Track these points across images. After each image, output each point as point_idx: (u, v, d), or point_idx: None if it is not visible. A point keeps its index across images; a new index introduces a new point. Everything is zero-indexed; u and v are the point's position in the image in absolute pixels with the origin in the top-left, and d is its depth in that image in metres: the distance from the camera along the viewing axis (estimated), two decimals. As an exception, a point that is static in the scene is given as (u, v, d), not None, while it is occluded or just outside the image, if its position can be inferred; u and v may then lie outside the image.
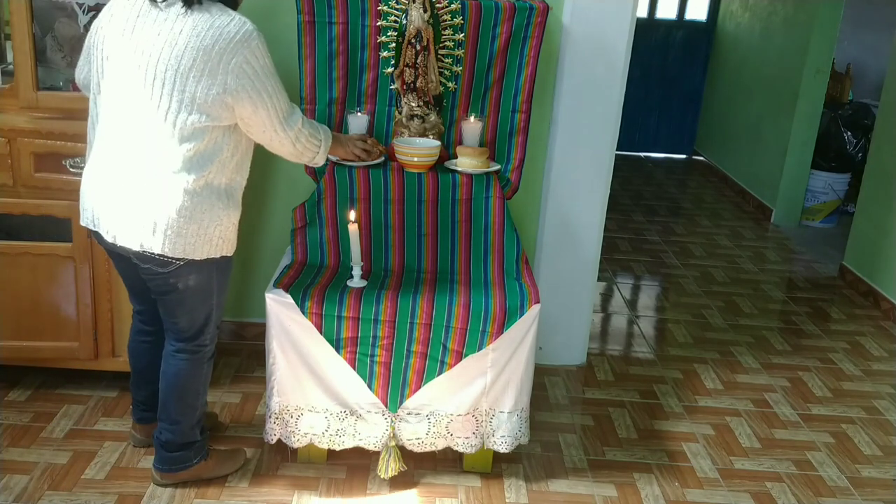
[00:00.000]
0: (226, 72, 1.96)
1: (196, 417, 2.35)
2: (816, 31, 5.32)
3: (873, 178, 4.47)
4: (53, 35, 2.81)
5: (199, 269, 2.14)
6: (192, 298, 2.20)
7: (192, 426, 2.34)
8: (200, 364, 2.31)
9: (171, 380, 2.29)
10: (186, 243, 2.06)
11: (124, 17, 2.00)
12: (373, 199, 2.58)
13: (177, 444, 2.34)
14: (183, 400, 2.30)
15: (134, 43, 1.97)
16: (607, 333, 3.77)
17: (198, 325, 2.25)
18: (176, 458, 2.36)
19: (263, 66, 2.02)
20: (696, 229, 5.42)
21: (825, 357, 3.62)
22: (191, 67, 1.94)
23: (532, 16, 2.64)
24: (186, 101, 1.96)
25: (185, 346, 2.27)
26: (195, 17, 1.95)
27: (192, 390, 2.32)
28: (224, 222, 2.13)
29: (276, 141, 2.14)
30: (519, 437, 2.47)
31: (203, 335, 2.28)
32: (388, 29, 2.60)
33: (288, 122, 2.12)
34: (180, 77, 1.94)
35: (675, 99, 7.49)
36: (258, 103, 2.03)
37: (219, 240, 2.13)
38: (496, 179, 2.63)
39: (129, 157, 2.02)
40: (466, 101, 2.73)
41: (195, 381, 2.32)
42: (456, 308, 2.34)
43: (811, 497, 2.60)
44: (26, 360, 2.78)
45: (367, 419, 2.42)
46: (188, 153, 2.00)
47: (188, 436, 2.35)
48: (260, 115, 2.05)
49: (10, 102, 2.64)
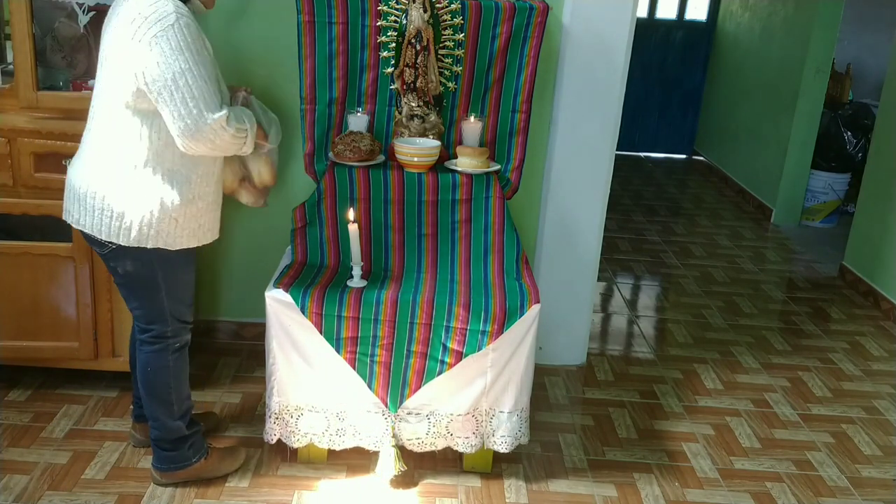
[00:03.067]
0: (135, 53, 1.96)
1: (175, 412, 2.32)
2: (816, 31, 5.32)
3: (873, 178, 4.47)
4: (53, 35, 2.81)
5: (136, 257, 2.14)
6: (135, 287, 2.20)
7: (173, 420, 2.31)
8: (163, 356, 2.28)
9: (140, 372, 2.30)
10: (112, 225, 2.08)
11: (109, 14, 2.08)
12: (373, 199, 2.58)
13: (166, 441, 2.33)
14: (153, 394, 2.29)
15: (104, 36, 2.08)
16: (607, 333, 3.77)
17: (151, 315, 2.23)
18: (172, 456, 2.35)
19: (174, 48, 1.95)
20: (696, 229, 5.42)
21: (825, 357, 3.62)
22: (117, 52, 1.99)
23: (532, 16, 2.64)
24: (115, 84, 2.01)
25: (146, 337, 2.26)
26: (128, 4, 1.99)
27: (160, 383, 2.29)
28: (156, 212, 2.09)
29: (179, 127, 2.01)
30: (519, 437, 2.47)
31: (160, 326, 2.25)
32: (388, 29, 2.60)
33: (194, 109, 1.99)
34: (112, 62, 2.01)
35: (675, 99, 7.49)
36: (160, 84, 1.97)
37: (148, 229, 2.10)
38: (496, 179, 2.63)
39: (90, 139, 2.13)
40: (466, 101, 2.73)
41: (162, 373, 2.29)
42: (456, 308, 2.33)
43: (811, 497, 2.60)
44: (26, 360, 2.78)
45: (367, 419, 2.42)
46: (117, 132, 2.05)
47: (173, 431, 2.33)
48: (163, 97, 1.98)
49: (10, 102, 2.64)
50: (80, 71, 2.86)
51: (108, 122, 2.07)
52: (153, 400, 2.30)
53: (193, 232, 2.20)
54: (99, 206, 2.08)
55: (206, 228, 2.24)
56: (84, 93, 2.72)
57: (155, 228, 2.11)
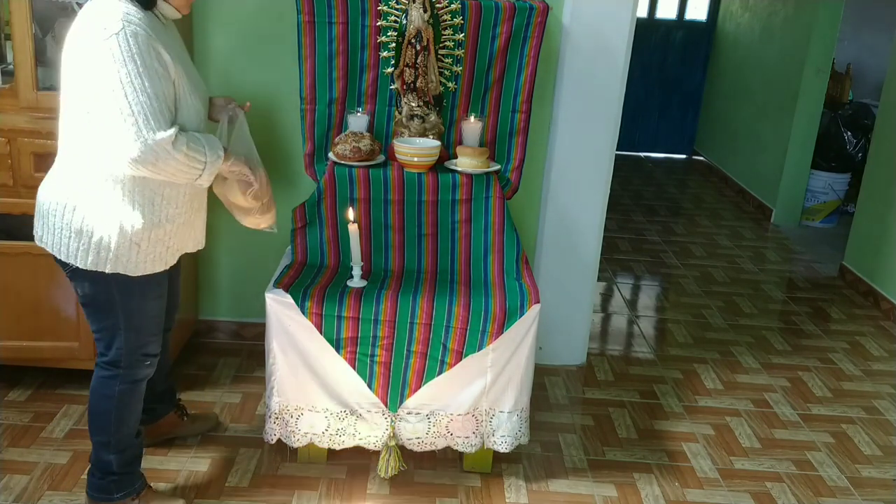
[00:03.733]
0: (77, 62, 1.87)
1: (111, 446, 2.13)
2: (816, 31, 5.32)
3: (873, 178, 4.47)
4: (53, 35, 2.81)
5: (94, 280, 2.00)
6: (92, 309, 2.07)
7: (106, 452, 2.14)
8: (110, 385, 2.11)
9: (90, 397, 2.14)
10: (70, 245, 1.96)
11: None
12: (373, 199, 2.58)
13: (96, 468, 2.17)
14: (93, 419, 2.14)
15: None
16: (607, 333, 3.77)
17: (106, 341, 2.09)
18: (98, 484, 2.17)
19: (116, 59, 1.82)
20: (696, 229, 5.42)
21: (825, 357, 3.62)
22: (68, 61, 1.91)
23: (532, 16, 2.64)
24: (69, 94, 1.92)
25: (99, 360, 2.12)
26: (84, 11, 1.91)
27: (100, 410, 2.12)
28: (115, 235, 1.94)
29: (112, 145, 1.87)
30: (519, 436, 2.47)
31: (112, 354, 2.09)
32: (388, 29, 2.60)
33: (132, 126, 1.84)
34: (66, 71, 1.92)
35: (675, 99, 7.50)
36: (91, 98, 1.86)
37: (106, 252, 1.95)
38: (496, 179, 2.63)
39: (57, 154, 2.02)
40: (466, 101, 2.73)
41: (104, 401, 2.12)
42: (456, 308, 2.34)
43: (811, 497, 2.60)
44: (26, 360, 2.78)
45: (367, 419, 2.42)
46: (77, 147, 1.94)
47: (102, 462, 2.15)
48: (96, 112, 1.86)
49: (10, 102, 2.64)
50: (80, 71, 2.86)
51: (69, 136, 1.96)
52: (92, 425, 2.14)
53: (159, 256, 2.04)
54: (59, 225, 1.96)
55: (174, 249, 2.10)
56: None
57: (113, 252, 1.96)
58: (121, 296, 2.03)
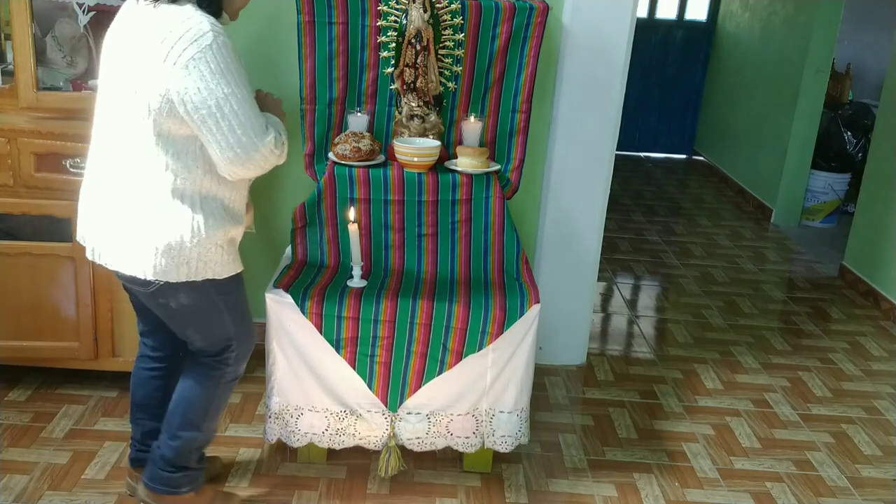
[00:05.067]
0: (171, 73, 1.77)
1: (197, 441, 2.19)
2: (816, 31, 5.32)
3: (873, 178, 4.47)
4: (53, 35, 2.81)
5: (188, 290, 1.95)
6: (195, 318, 2.04)
7: (191, 449, 2.18)
8: (216, 384, 2.15)
9: (184, 391, 2.15)
10: (157, 264, 1.88)
11: (116, 21, 1.92)
12: (373, 199, 2.58)
13: (172, 464, 2.17)
14: (187, 415, 2.15)
15: (115, 48, 1.87)
16: (607, 333, 3.77)
17: (218, 345, 2.10)
18: (169, 479, 2.18)
19: (214, 70, 1.78)
20: (696, 229, 5.42)
21: (825, 357, 3.62)
22: (147, 71, 1.78)
23: (532, 16, 2.64)
24: (145, 106, 1.80)
25: (207, 361, 2.13)
26: (159, 16, 1.80)
27: (199, 408, 2.15)
28: (203, 241, 1.91)
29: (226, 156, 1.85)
30: (519, 437, 2.47)
31: (223, 356, 2.12)
32: (388, 29, 2.60)
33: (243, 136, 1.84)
34: (140, 81, 1.80)
35: (675, 99, 7.50)
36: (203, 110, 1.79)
37: (195, 262, 1.91)
38: (496, 179, 2.63)
39: (106, 166, 1.91)
40: (466, 101, 2.73)
41: (205, 399, 2.16)
42: (456, 308, 2.33)
43: (811, 497, 2.60)
44: (26, 360, 2.78)
45: (367, 419, 2.42)
46: (147, 162, 1.84)
47: (184, 458, 2.18)
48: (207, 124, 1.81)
49: (10, 102, 2.64)
50: (80, 71, 2.86)
51: (133, 151, 1.85)
52: (183, 420, 2.14)
53: (237, 255, 2.05)
54: (140, 246, 1.87)
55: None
56: (84, 93, 2.72)
57: (202, 260, 1.93)
58: (220, 296, 2.04)
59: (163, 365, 2.26)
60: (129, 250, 1.89)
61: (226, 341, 2.11)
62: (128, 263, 1.90)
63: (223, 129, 1.81)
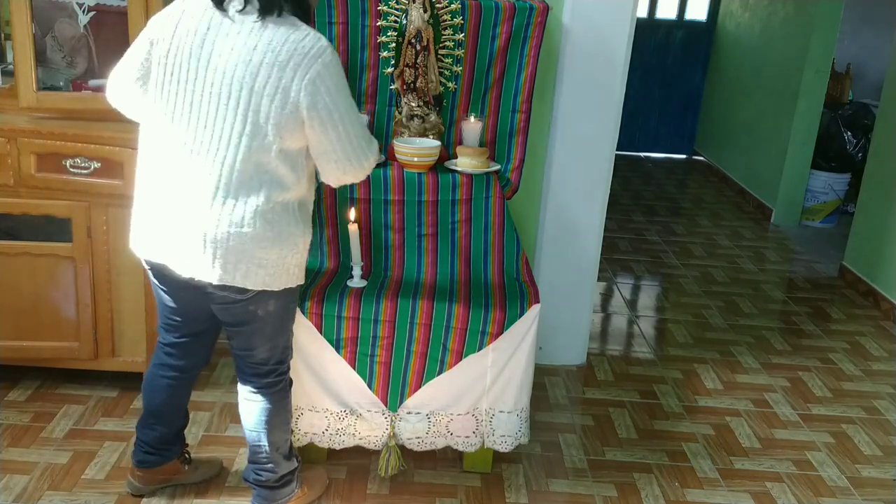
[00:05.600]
0: (299, 89, 1.78)
1: (292, 449, 2.25)
2: (816, 31, 5.32)
3: (873, 178, 4.47)
4: (53, 35, 2.81)
5: (277, 297, 1.99)
6: (273, 325, 2.04)
7: (287, 455, 2.22)
8: (286, 394, 2.18)
9: (260, 421, 2.14)
10: (266, 274, 1.90)
11: (193, 29, 1.81)
12: (373, 199, 2.58)
13: (277, 479, 2.20)
14: (274, 433, 2.16)
15: (206, 59, 1.80)
16: (607, 333, 3.77)
17: (277, 354, 2.11)
18: (283, 492, 2.24)
19: (337, 85, 1.84)
20: (696, 229, 5.42)
21: (825, 357, 3.62)
22: (265, 85, 1.77)
23: (532, 16, 2.64)
24: (261, 120, 1.79)
25: (266, 381, 2.12)
26: (270, 31, 1.78)
27: (283, 421, 2.18)
28: (300, 247, 1.97)
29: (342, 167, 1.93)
30: (519, 436, 2.47)
31: (283, 363, 2.15)
32: (388, 29, 2.60)
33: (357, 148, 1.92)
34: (255, 95, 1.78)
35: (675, 99, 7.49)
36: (328, 123, 1.84)
37: (295, 268, 1.97)
38: (496, 179, 2.63)
39: (200, 183, 1.83)
40: (466, 101, 2.73)
41: (284, 411, 2.19)
42: (456, 308, 2.33)
43: (811, 497, 2.60)
44: (26, 360, 2.78)
45: (367, 419, 2.42)
46: (263, 176, 1.84)
47: (286, 466, 2.22)
48: (329, 136, 1.86)
49: (10, 102, 2.64)
50: (80, 71, 2.86)
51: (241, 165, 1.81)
52: (273, 444, 2.15)
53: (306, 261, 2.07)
54: (249, 258, 1.86)
55: None
56: (84, 93, 2.72)
57: (297, 266, 1.98)
58: (293, 302, 2.11)
59: (184, 374, 2.25)
60: (236, 262, 1.86)
61: (284, 349, 2.15)
62: (231, 275, 1.87)
63: (343, 141, 1.88)
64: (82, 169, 2.57)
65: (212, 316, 2.08)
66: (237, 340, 2.09)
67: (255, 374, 2.13)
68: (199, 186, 1.84)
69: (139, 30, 1.97)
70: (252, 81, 1.78)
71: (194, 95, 1.82)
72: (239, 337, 2.08)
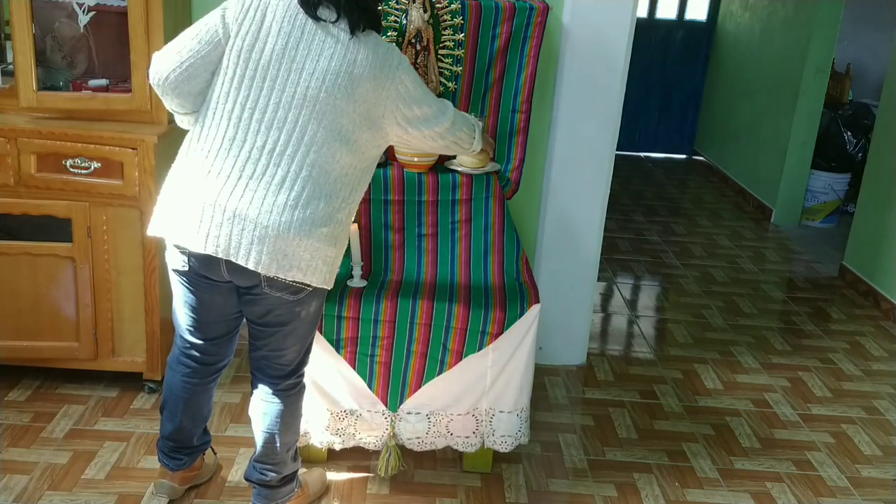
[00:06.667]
0: (386, 98, 1.92)
1: (296, 447, 2.26)
2: (816, 31, 5.32)
3: (873, 178, 4.47)
4: (53, 35, 2.81)
5: (318, 296, 2.02)
6: (308, 325, 2.08)
7: (294, 456, 2.24)
8: (300, 396, 2.21)
9: (276, 422, 2.15)
10: (329, 272, 1.96)
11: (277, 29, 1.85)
12: (373, 199, 2.58)
13: (280, 479, 2.22)
14: (287, 435, 2.18)
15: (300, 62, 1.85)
16: (607, 333, 3.77)
17: (302, 355, 2.15)
18: (283, 491, 2.25)
19: (415, 87, 1.97)
20: (696, 229, 5.42)
21: (825, 357, 3.62)
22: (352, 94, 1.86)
23: (532, 16, 2.64)
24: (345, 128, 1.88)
25: (288, 383, 2.15)
26: (359, 45, 1.87)
27: (296, 422, 2.22)
28: (339, 248, 1.99)
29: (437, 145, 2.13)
30: (519, 436, 2.47)
31: (304, 364, 2.18)
32: (388, 29, 2.60)
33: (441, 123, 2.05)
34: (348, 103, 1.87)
35: (675, 99, 7.49)
36: (414, 123, 1.99)
37: (332, 266, 1.99)
38: (496, 179, 2.63)
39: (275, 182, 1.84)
40: (466, 101, 2.73)
41: (298, 413, 2.22)
42: (456, 308, 2.33)
43: (811, 497, 2.60)
44: (26, 360, 2.78)
45: (368, 419, 2.42)
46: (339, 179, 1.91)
47: (291, 467, 2.24)
48: (420, 130, 2.01)
49: (10, 102, 2.64)
50: (80, 71, 2.86)
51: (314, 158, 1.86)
52: (286, 445, 2.18)
53: None
54: (319, 253, 1.90)
55: None
56: (84, 93, 2.72)
57: (337, 265, 2.01)
58: (323, 303, 2.14)
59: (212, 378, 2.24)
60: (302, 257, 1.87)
61: (307, 351, 2.17)
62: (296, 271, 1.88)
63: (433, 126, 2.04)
64: (82, 169, 2.57)
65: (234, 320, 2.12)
66: (272, 340, 2.06)
67: (279, 375, 2.13)
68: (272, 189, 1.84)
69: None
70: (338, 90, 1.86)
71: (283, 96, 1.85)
72: (274, 337, 2.05)
